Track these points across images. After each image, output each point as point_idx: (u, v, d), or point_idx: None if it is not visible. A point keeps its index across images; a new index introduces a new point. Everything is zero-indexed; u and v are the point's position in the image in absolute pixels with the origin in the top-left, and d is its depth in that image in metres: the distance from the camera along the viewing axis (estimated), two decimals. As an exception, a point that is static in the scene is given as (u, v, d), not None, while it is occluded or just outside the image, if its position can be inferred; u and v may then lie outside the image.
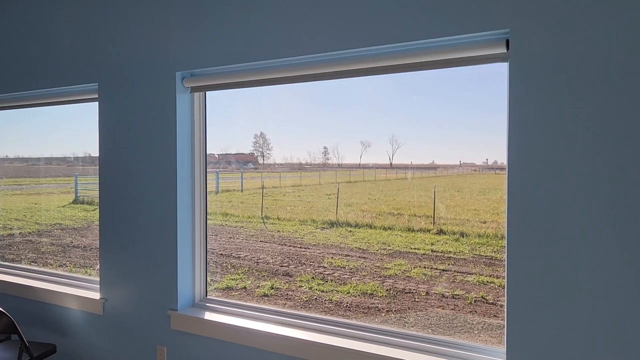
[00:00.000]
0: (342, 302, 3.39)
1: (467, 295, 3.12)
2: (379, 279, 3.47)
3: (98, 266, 3.44)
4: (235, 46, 2.77)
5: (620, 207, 1.90)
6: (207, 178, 3.19)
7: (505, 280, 2.14)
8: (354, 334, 2.62)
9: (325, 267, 3.72)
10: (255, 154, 3.96)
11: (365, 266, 3.60)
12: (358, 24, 2.41)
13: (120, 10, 3.21)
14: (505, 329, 2.15)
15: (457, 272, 3.28)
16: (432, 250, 3.51)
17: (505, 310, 2.14)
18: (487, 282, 3.13)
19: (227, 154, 3.92)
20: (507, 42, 2.10)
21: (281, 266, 3.86)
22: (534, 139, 2.04)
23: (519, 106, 2.06)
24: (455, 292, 3.17)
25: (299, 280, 3.66)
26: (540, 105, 2.02)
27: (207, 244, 3.19)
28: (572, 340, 2.00)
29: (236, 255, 4.04)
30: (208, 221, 3.19)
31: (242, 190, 4.47)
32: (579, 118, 1.95)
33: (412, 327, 3.09)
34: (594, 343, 1.96)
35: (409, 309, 3.20)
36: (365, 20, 2.39)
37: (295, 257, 3.90)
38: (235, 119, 3.62)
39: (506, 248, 2.13)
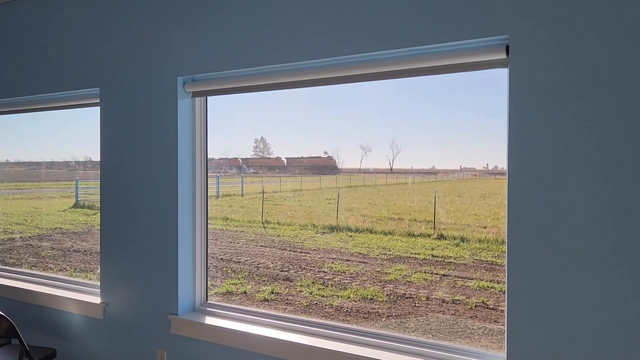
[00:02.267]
0: (342, 307, 3.39)
1: (467, 300, 3.11)
2: (380, 283, 3.47)
3: (99, 270, 3.44)
4: (236, 51, 2.78)
5: (620, 212, 1.90)
6: (207, 182, 3.19)
7: (506, 285, 2.14)
8: (354, 338, 2.62)
9: (325, 272, 3.71)
10: (334, 158, 3.63)
11: (366, 271, 3.59)
12: (359, 29, 2.42)
13: (122, 15, 3.22)
14: (506, 334, 2.14)
15: (458, 277, 3.28)
16: (432, 255, 3.50)
17: (506, 315, 2.14)
18: (488, 287, 3.13)
19: (300, 157, 3.72)
20: (507, 47, 2.11)
21: (281, 271, 3.85)
22: (534, 144, 2.04)
23: (519, 112, 2.07)
24: (455, 297, 3.16)
25: (299, 285, 3.66)
26: (540, 111, 2.02)
27: (208, 249, 3.19)
28: (573, 345, 1.99)
29: (236, 260, 4.04)
30: (208, 226, 3.20)
31: (242, 195, 4.47)
32: (579, 123, 1.96)
33: (412, 332, 3.09)
34: (594, 349, 1.96)
35: (409, 314, 3.20)
36: (366, 26, 2.40)
37: (296, 261, 3.89)
38: (235, 123, 3.62)
39: (506, 253, 2.13)
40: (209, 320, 2.95)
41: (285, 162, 3.66)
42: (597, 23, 1.92)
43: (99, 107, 3.37)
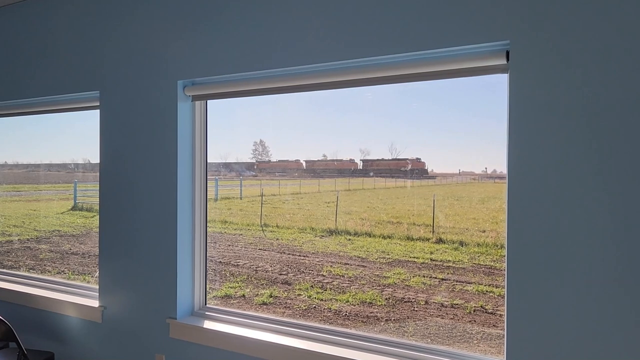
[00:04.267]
0: (341, 311, 3.39)
1: (466, 304, 3.11)
2: (378, 287, 3.47)
3: (97, 273, 3.44)
4: (237, 55, 2.78)
5: (620, 216, 1.90)
6: (207, 185, 3.19)
7: (505, 289, 2.14)
8: (352, 343, 2.62)
9: (324, 276, 3.71)
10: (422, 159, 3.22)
11: (364, 275, 3.59)
12: (359, 34, 2.42)
13: (122, 18, 3.22)
14: (505, 339, 2.15)
15: (457, 281, 3.28)
16: (431, 259, 3.50)
17: (505, 320, 2.15)
18: (487, 291, 3.13)
19: (379, 160, 3.36)
20: (508, 53, 2.11)
21: (280, 274, 3.85)
22: (534, 149, 2.05)
23: (519, 117, 2.07)
24: (454, 302, 3.16)
25: (298, 289, 3.66)
26: (540, 116, 2.03)
27: (207, 252, 3.18)
28: (573, 350, 2.00)
29: (235, 263, 4.03)
30: (207, 229, 3.19)
31: (241, 198, 4.47)
32: (579, 129, 1.96)
33: (411, 336, 3.09)
34: (594, 354, 1.96)
35: (408, 318, 3.20)
36: (366, 31, 2.40)
37: (294, 265, 3.89)
38: (234, 126, 3.62)
39: (506, 257, 2.14)
40: (208, 325, 2.94)
41: (359, 164, 3.45)
42: (598, 29, 1.93)
43: (98, 110, 3.37)
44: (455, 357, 2.40)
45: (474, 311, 3.05)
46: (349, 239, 3.87)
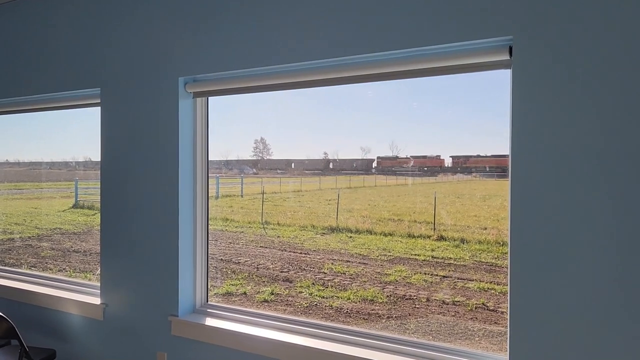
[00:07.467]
0: (342, 308, 3.39)
1: (467, 301, 3.12)
2: (380, 285, 3.47)
3: (98, 271, 3.44)
4: (238, 51, 2.78)
5: (624, 212, 1.90)
6: (208, 183, 3.19)
7: (508, 287, 2.14)
8: (354, 340, 2.61)
9: (325, 273, 3.72)
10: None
11: (366, 272, 3.60)
12: (362, 30, 2.42)
13: (123, 15, 3.22)
14: (508, 336, 2.14)
15: (458, 279, 3.28)
16: (432, 257, 3.51)
17: (508, 317, 2.14)
18: (488, 288, 3.13)
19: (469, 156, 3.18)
20: (510, 49, 2.11)
21: (281, 272, 3.86)
22: (537, 145, 2.04)
23: (521, 113, 2.07)
24: (455, 299, 3.17)
25: (299, 286, 3.66)
26: (543, 112, 2.02)
27: (209, 250, 3.18)
28: (576, 347, 2.00)
29: (236, 261, 4.04)
30: (209, 226, 3.19)
31: (242, 196, 4.48)
32: (582, 125, 1.96)
33: (412, 333, 3.09)
34: (597, 351, 1.96)
35: (409, 315, 3.20)
36: (369, 27, 2.40)
37: (296, 262, 3.90)
38: (235, 124, 3.63)
39: (509, 254, 2.13)
40: (210, 322, 2.94)
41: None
42: (601, 25, 1.92)
43: (99, 108, 3.37)
44: (457, 354, 2.40)
45: (476, 308, 3.06)
46: (350, 237, 3.88)
